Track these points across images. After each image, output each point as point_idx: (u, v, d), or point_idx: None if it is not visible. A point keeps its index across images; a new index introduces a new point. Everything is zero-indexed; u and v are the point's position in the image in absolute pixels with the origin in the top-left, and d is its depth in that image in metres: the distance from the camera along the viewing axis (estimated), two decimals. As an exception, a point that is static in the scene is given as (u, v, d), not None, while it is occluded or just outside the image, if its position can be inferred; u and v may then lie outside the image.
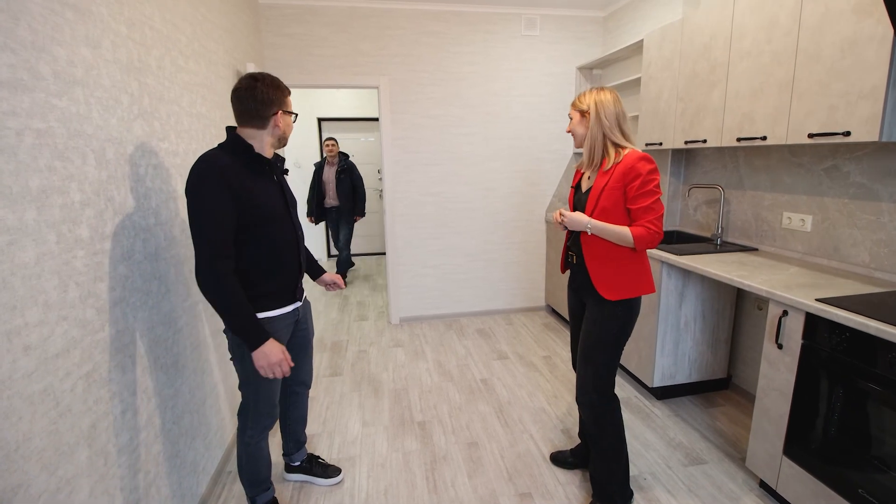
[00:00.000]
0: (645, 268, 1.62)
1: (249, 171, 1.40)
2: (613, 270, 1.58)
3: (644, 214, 1.50)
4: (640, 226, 1.51)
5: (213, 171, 1.31)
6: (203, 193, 1.30)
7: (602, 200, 1.55)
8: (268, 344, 1.37)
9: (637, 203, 1.51)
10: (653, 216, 1.50)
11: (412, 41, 3.34)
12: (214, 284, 1.31)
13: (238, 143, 1.42)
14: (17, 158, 0.96)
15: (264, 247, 1.43)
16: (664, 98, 2.56)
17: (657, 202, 1.51)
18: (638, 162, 1.50)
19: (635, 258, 1.59)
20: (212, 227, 1.30)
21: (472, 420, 2.36)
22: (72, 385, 1.10)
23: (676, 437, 2.18)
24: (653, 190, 1.50)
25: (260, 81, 1.40)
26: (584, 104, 1.59)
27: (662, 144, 2.61)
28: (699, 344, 2.47)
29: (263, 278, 1.45)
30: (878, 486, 1.36)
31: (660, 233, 1.51)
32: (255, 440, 1.59)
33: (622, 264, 1.58)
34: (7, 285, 0.92)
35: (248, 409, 1.56)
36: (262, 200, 1.41)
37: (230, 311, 1.33)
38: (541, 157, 3.71)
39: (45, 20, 1.06)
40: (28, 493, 0.95)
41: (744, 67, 2.01)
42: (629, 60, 3.23)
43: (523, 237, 3.83)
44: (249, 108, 1.40)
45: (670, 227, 2.97)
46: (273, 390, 1.56)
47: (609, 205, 1.54)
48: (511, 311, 3.95)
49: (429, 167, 3.56)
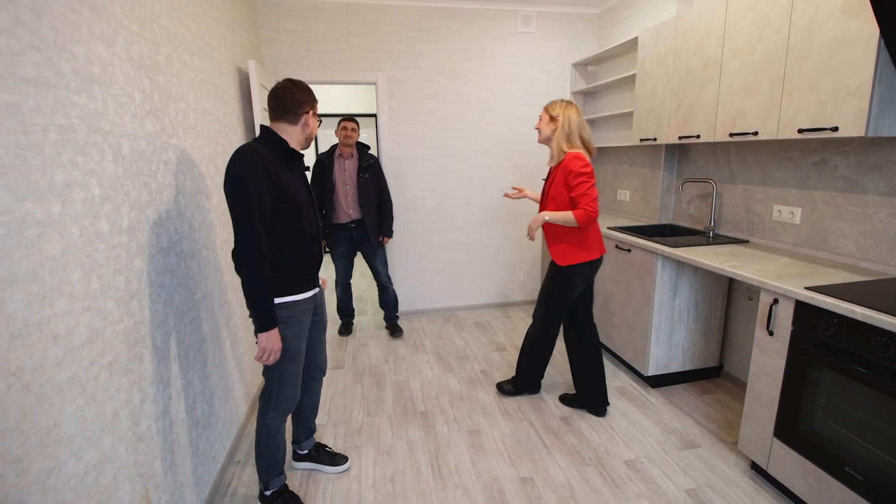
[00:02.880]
0: (588, 242, 2.11)
1: (282, 163, 1.53)
2: (565, 246, 2.11)
3: (580, 199, 1.98)
4: (580, 209, 1.98)
5: (253, 161, 1.42)
6: (245, 180, 1.41)
7: (552, 191, 2.11)
8: (275, 331, 1.50)
9: (575, 191, 1.99)
10: (587, 199, 1.96)
11: (409, 37, 3.37)
12: (251, 263, 1.42)
13: (273, 137, 1.55)
14: (43, 154, 0.99)
15: (294, 234, 1.56)
16: (659, 94, 2.63)
17: (591, 188, 1.97)
18: (571, 161, 1.99)
19: (580, 234, 2.09)
20: (252, 211, 1.40)
21: (473, 409, 2.42)
22: (96, 374, 1.14)
23: (671, 423, 2.26)
24: (585, 180, 1.97)
25: (296, 85, 1.57)
26: (556, 112, 2.07)
27: (657, 140, 2.67)
28: (692, 333, 2.55)
29: (290, 264, 1.57)
30: (863, 463, 1.44)
31: (594, 212, 1.97)
32: (275, 422, 1.67)
33: (569, 241, 2.10)
34: (37, 277, 0.96)
35: (272, 391, 1.64)
36: (293, 190, 1.54)
37: (258, 289, 1.44)
38: (536, 152, 3.76)
39: (65, 18, 1.08)
40: (60, 475, 0.99)
41: (736, 64, 2.08)
42: (624, 57, 3.28)
43: (520, 232, 3.89)
44: (287, 104, 1.54)
45: (664, 221, 3.05)
46: (296, 373, 1.66)
47: (556, 194, 2.08)
48: (508, 304, 4.02)
49: (426, 162, 3.60)
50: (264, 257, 1.43)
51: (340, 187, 3.06)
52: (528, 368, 2.45)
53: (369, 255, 3.23)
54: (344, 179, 3.06)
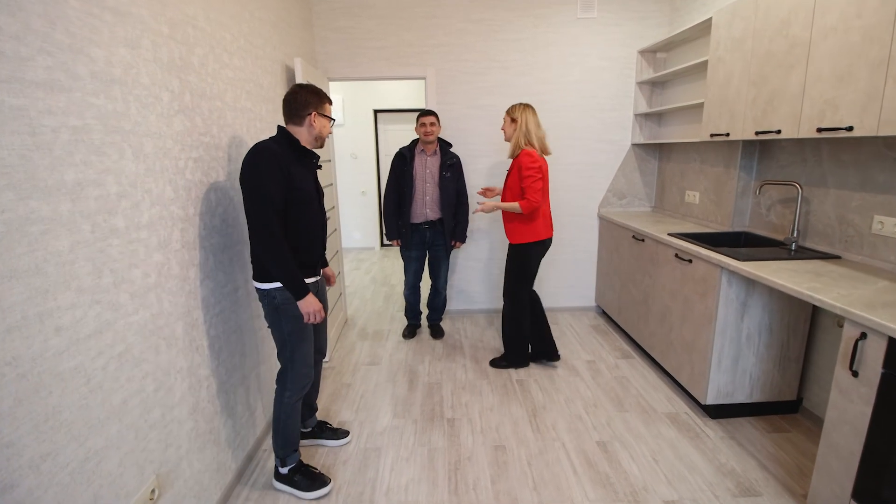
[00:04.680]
0: (535, 224, 2.55)
1: (294, 160, 1.67)
2: (514, 227, 2.59)
3: (527, 191, 2.43)
4: (525, 199, 2.44)
5: (267, 154, 1.58)
6: (260, 174, 1.56)
7: (508, 181, 2.58)
8: (310, 296, 1.67)
9: (524, 183, 2.44)
10: (531, 191, 2.42)
11: (459, 30, 3.26)
12: (272, 246, 1.58)
13: (286, 135, 1.70)
14: (52, 154, 1.03)
15: (299, 225, 1.69)
16: (734, 83, 2.28)
17: (535, 182, 2.42)
18: (523, 157, 2.45)
19: (527, 218, 2.54)
20: (267, 202, 1.56)
21: (502, 422, 2.29)
22: (103, 364, 1.19)
23: (728, 463, 1.97)
24: (531, 174, 2.42)
25: (303, 88, 1.71)
26: (516, 115, 2.51)
27: (730, 135, 2.33)
28: (763, 361, 2.20)
29: (297, 253, 1.69)
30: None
31: (537, 202, 2.43)
32: (292, 400, 1.80)
33: (519, 223, 2.57)
34: (40, 271, 1.00)
35: (287, 372, 1.78)
36: (301, 185, 1.67)
37: (285, 267, 1.60)
38: (595, 148, 3.49)
39: (82, 23, 1.13)
40: (56, 460, 1.04)
41: (828, 46, 1.73)
42: (697, 42, 2.92)
43: (574, 233, 3.65)
44: (292, 108, 1.70)
45: (738, 228, 2.68)
46: (306, 352, 1.78)
47: (512, 184, 2.54)
48: (557, 309, 3.80)
49: (477, 159, 3.48)
50: (281, 239, 1.59)
51: (420, 185, 2.93)
52: (513, 344, 2.80)
53: (437, 257, 3.13)
54: (425, 177, 2.92)
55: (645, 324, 2.86)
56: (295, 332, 1.73)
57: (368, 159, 5.91)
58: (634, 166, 3.55)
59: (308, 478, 1.84)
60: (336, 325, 3.28)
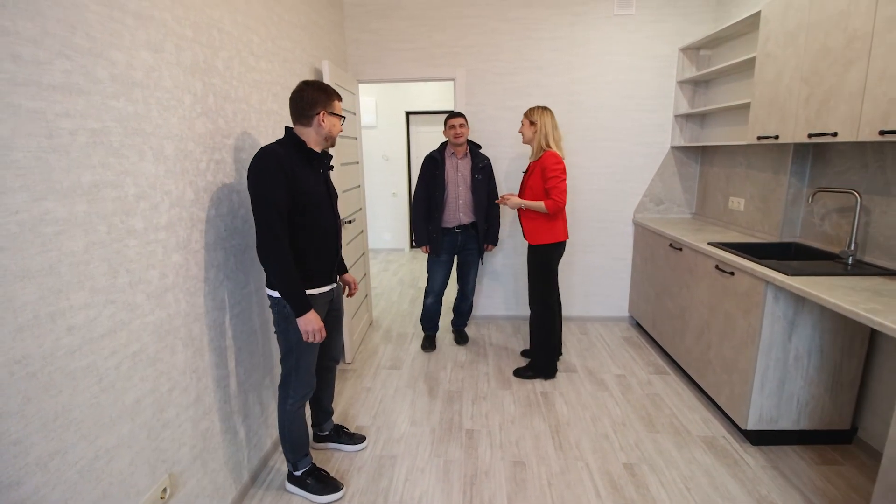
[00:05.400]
0: (556, 225, 2.53)
1: (301, 163, 1.60)
2: (535, 227, 2.54)
3: (552, 191, 2.41)
4: (549, 198, 2.42)
5: (271, 160, 1.52)
6: (263, 178, 1.51)
7: (530, 182, 2.53)
8: (311, 313, 1.59)
9: (548, 184, 2.42)
10: (557, 192, 2.40)
11: (490, 29, 3.19)
12: (272, 255, 1.52)
13: (293, 138, 1.63)
14: (69, 156, 1.05)
15: (310, 231, 1.63)
16: (784, 81, 2.10)
17: (560, 182, 2.41)
18: (548, 158, 2.43)
19: (549, 219, 2.51)
20: (271, 207, 1.50)
21: (523, 436, 2.20)
22: (117, 363, 1.20)
23: (769, 496, 1.80)
24: (557, 175, 2.40)
25: (308, 86, 1.61)
26: (535, 118, 2.49)
27: (779, 137, 2.15)
28: (813, 385, 2.01)
29: (308, 259, 1.65)
30: None
31: (562, 203, 2.42)
32: (294, 408, 1.76)
33: (540, 223, 2.53)
34: (53, 271, 1.02)
35: (290, 378, 1.74)
36: (309, 189, 1.60)
37: (285, 279, 1.55)
38: (631, 150, 3.33)
39: (103, 27, 1.15)
40: (65, 458, 1.05)
41: (893, 40, 1.55)
42: (743, 38, 2.73)
43: (606, 239, 3.50)
44: (298, 107, 1.62)
45: (788, 238, 2.47)
46: (310, 361, 1.74)
47: (533, 184, 2.51)
48: (587, 319, 3.65)
49: (505, 162, 3.40)
50: (286, 249, 1.53)
51: (452, 189, 2.86)
52: (542, 353, 2.72)
53: (467, 262, 3.05)
54: (457, 181, 2.86)
55: (681, 339, 2.69)
56: (303, 342, 1.67)
57: (400, 161, 5.93)
58: (674, 170, 3.37)
59: (320, 481, 1.83)
60: (360, 327, 3.28)
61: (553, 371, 2.75)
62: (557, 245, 2.56)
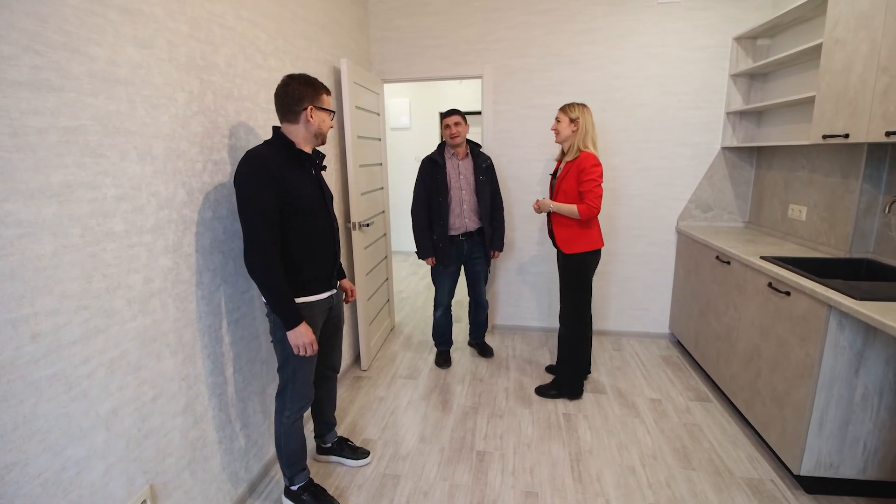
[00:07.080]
0: (592, 232, 2.33)
1: (290, 165, 1.51)
2: (570, 234, 2.33)
3: (587, 195, 2.21)
4: (583, 203, 2.22)
5: (257, 164, 1.43)
6: (249, 184, 1.42)
7: (563, 185, 2.32)
8: (302, 326, 1.51)
9: (584, 187, 2.21)
10: (592, 196, 2.20)
11: (520, 22, 3.01)
12: (260, 266, 1.45)
13: (280, 139, 1.54)
14: (36, 155, 1.00)
15: (304, 236, 1.54)
16: (856, 71, 1.80)
17: (597, 187, 2.20)
18: (585, 159, 2.21)
19: (584, 225, 2.31)
20: (258, 215, 1.42)
21: (539, 463, 2.02)
22: (89, 371, 1.15)
23: (826, 557, 1.53)
24: (594, 178, 2.19)
25: (293, 80, 1.51)
26: (575, 115, 2.26)
27: (849, 136, 1.84)
28: (884, 429, 1.70)
29: (303, 266, 1.57)
30: None
31: (597, 208, 2.21)
32: (291, 420, 1.68)
33: (575, 230, 2.32)
34: (15, 276, 0.97)
35: (286, 390, 1.66)
36: (301, 192, 1.52)
37: (272, 291, 1.47)
38: (675, 151, 3.04)
39: (81, 22, 1.10)
40: (25, 471, 1.00)
41: None
42: (807, 24, 2.39)
43: (645, 248, 3.22)
44: (284, 104, 1.52)
45: (858, 254, 2.13)
46: (308, 372, 1.66)
47: (567, 188, 2.30)
48: (623, 334, 3.37)
49: (533, 163, 3.21)
50: (274, 258, 1.45)
51: (456, 193, 2.65)
52: (568, 371, 2.51)
53: (475, 271, 2.84)
54: (459, 184, 2.65)
55: (726, 363, 2.39)
56: None
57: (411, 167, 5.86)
58: (724, 173, 3.04)
59: (316, 499, 1.74)
60: (380, 332, 3.20)
61: (579, 391, 2.53)
62: (594, 253, 2.36)
